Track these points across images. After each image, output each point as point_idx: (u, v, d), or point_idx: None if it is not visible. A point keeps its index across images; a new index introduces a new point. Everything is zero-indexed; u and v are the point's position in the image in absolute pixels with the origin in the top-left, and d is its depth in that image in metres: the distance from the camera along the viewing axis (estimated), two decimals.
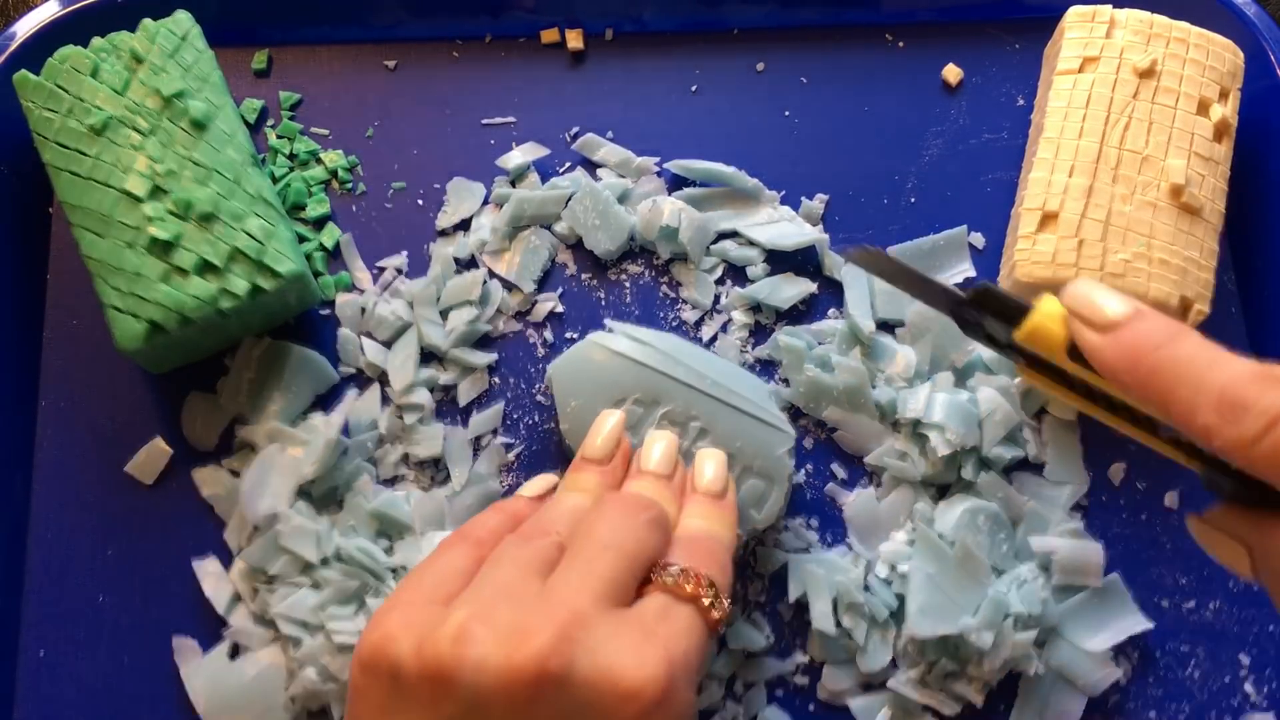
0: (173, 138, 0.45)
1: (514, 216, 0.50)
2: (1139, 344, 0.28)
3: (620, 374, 0.43)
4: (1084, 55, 0.48)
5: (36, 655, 0.45)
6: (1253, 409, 0.26)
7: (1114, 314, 0.29)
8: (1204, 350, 0.27)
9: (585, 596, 0.32)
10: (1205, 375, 0.27)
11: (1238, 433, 0.26)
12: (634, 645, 0.31)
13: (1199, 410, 0.27)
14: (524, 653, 0.29)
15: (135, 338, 0.43)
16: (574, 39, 0.54)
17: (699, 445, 0.42)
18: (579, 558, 0.33)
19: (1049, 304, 0.31)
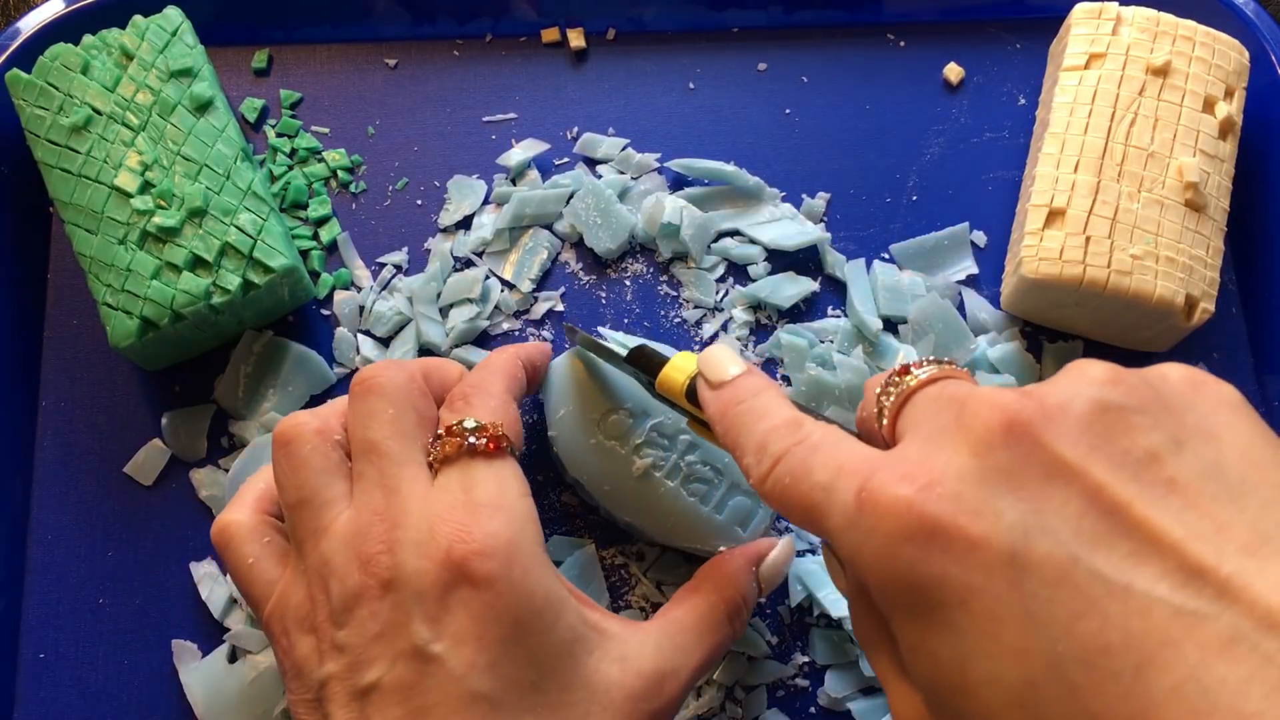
0: (163, 133, 0.43)
1: (515, 216, 0.47)
2: (729, 398, 0.31)
3: (610, 384, 0.40)
4: (1090, 52, 0.45)
5: (36, 657, 0.43)
6: (769, 450, 0.28)
7: (725, 375, 0.31)
8: (767, 405, 0.29)
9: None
10: (756, 424, 0.29)
11: (758, 471, 0.28)
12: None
13: (745, 453, 0.29)
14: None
15: (128, 334, 0.41)
16: (575, 38, 0.51)
17: (687, 458, 0.40)
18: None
19: (680, 359, 0.35)
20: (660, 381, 0.35)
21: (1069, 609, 0.21)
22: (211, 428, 0.45)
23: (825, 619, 0.42)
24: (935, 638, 0.23)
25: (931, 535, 0.22)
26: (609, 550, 0.44)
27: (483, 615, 0.29)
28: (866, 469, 0.25)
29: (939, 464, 0.24)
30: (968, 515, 0.22)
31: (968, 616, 0.22)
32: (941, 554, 0.22)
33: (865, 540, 0.24)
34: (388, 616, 0.30)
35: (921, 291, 0.47)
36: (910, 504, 0.23)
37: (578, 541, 0.43)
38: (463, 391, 0.35)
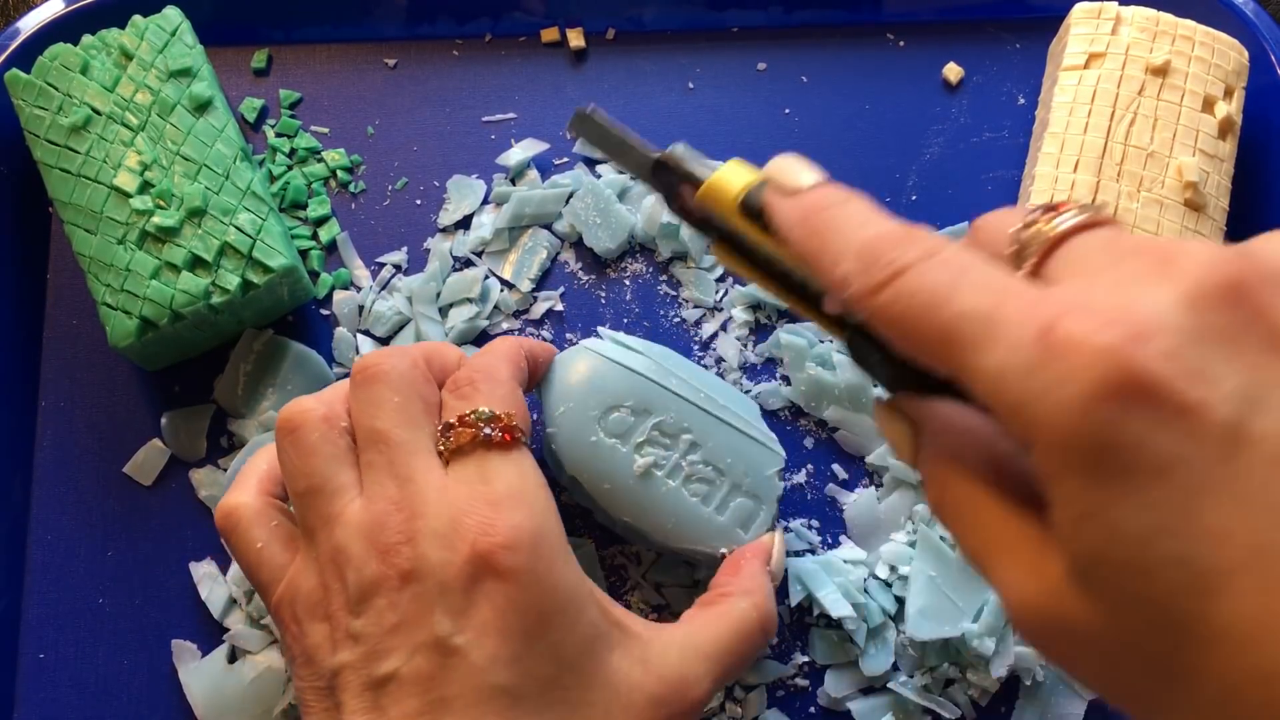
0: (162, 133, 0.43)
1: (514, 216, 0.47)
2: (813, 203, 0.27)
3: (613, 381, 0.39)
4: (1090, 51, 0.45)
5: (36, 657, 0.43)
6: (882, 259, 0.24)
7: (803, 181, 0.28)
8: (865, 212, 0.26)
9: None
10: (857, 231, 0.25)
11: (865, 281, 0.24)
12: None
13: (842, 260, 0.25)
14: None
15: (127, 334, 0.41)
16: (575, 38, 0.51)
17: (689, 458, 0.39)
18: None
19: (731, 167, 0.30)
20: (709, 189, 0.30)
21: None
22: (211, 427, 0.45)
23: (825, 619, 0.42)
24: (1120, 506, 0.20)
25: (1140, 393, 0.19)
26: (609, 550, 0.44)
27: (507, 609, 0.29)
28: (1049, 305, 0.21)
29: (1147, 313, 0.20)
30: (1186, 376, 0.19)
31: (1167, 488, 0.19)
32: (1148, 415, 0.19)
33: (1048, 389, 0.20)
34: (407, 607, 0.29)
35: None
36: (1118, 354, 0.20)
37: (577, 541, 0.43)
38: (469, 378, 0.34)
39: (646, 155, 0.31)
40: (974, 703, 0.42)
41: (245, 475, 0.35)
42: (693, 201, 0.30)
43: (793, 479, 0.45)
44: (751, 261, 0.30)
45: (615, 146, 0.33)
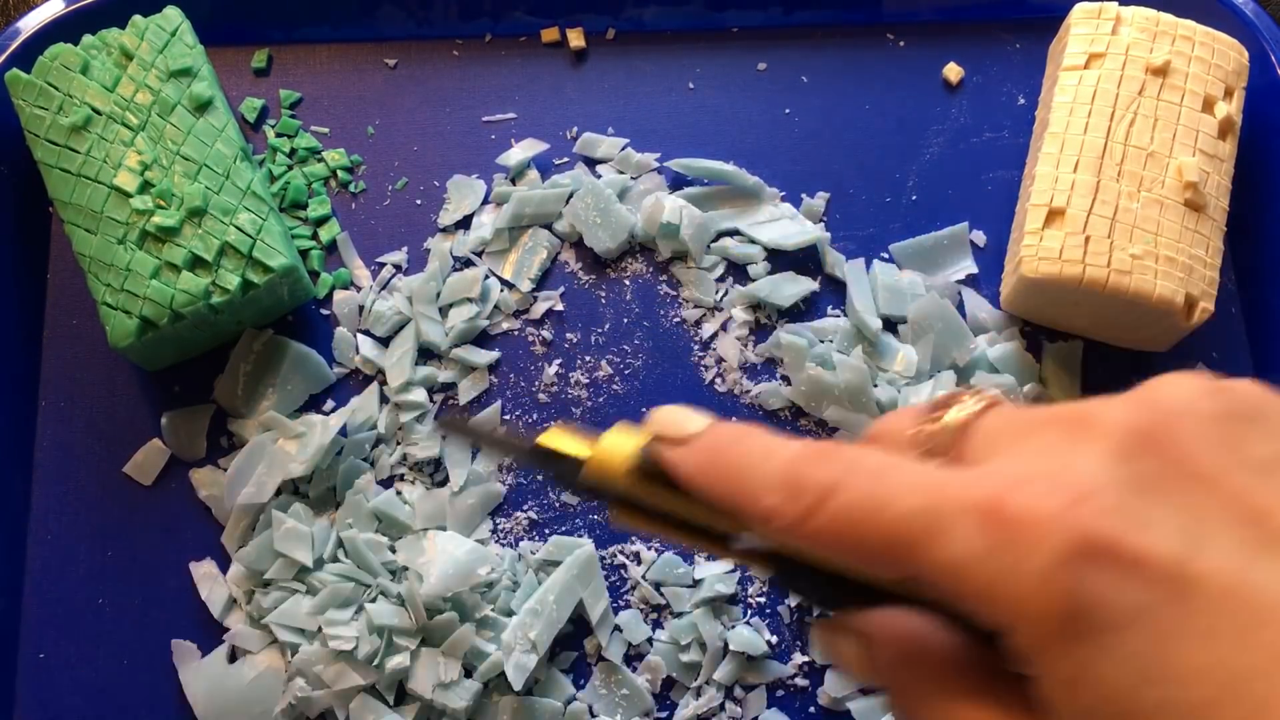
0: (162, 133, 0.43)
1: (514, 216, 0.47)
2: (712, 447, 0.27)
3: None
4: (1090, 51, 0.45)
5: (36, 657, 0.43)
6: (806, 483, 0.24)
7: (693, 428, 0.27)
8: (766, 441, 0.26)
9: None
10: (767, 462, 0.25)
11: (794, 510, 0.24)
12: None
13: (762, 495, 0.25)
14: None
15: (127, 334, 0.41)
16: (575, 38, 0.51)
17: None
18: None
19: (613, 435, 0.29)
20: (594, 467, 0.29)
21: (1242, 622, 0.20)
22: (211, 427, 0.45)
23: (825, 619, 0.42)
24: (1103, 663, 0.21)
25: (1096, 552, 0.21)
26: (608, 550, 0.44)
27: None
28: (985, 485, 0.22)
29: (1081, 475, 0.21)
30: (1132, 528, 0.21)
31: (1139, 637, 0.20)
32: (1108, 572, 0.21)
33: (1013, 567, 0.21)
34: None
35: (921, 291, 0.46)
36: (1068, 519, 0.21)
37: (577, 542, 0.43)
38: None
39: (522, 446, 0.30)
40: None
41: None
42: (574, 479, 0.29)
43: None
44: (655, 519, 0.29)
45: (489, 442, 0.33)
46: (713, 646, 0.41)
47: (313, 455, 0.42)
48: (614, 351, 0.46)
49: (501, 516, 0.44)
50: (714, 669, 0.42)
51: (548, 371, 0.46)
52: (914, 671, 0.25)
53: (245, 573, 0.42)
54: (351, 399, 0.45)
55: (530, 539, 0.44)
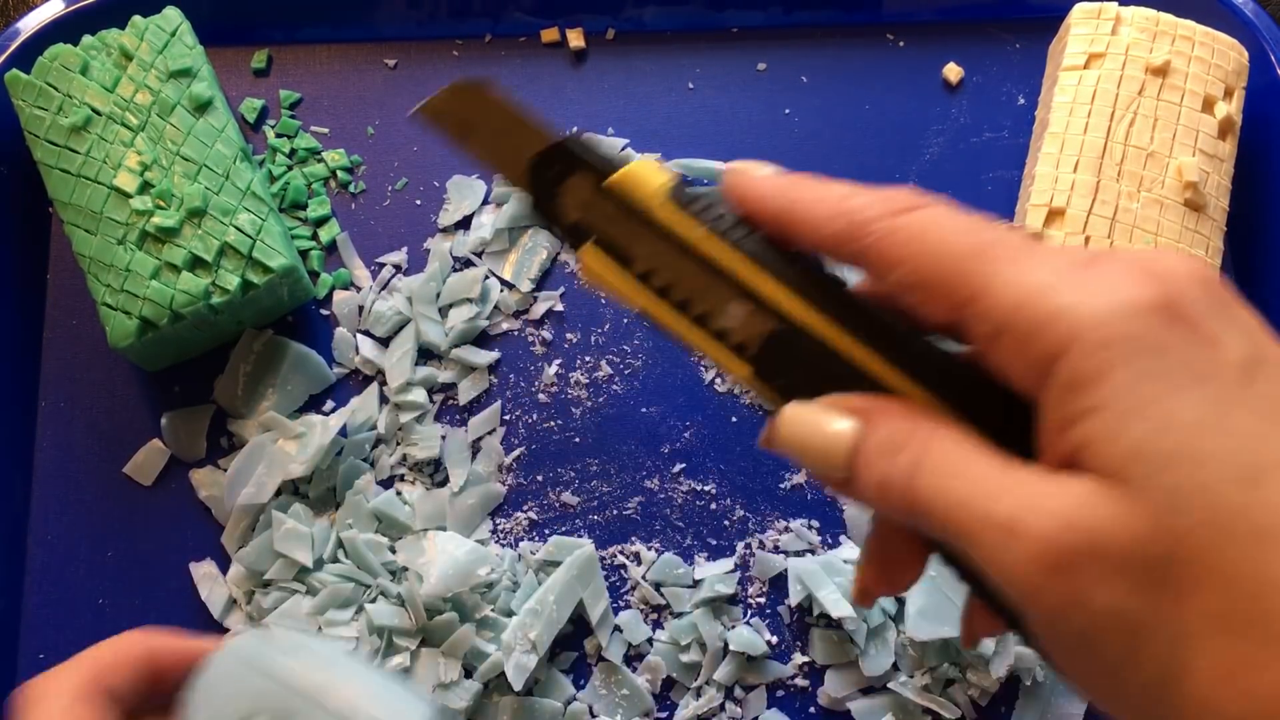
0: (162, 133, 0.43)
1: (514, 216, 0.47)
2: (786, 176, 0.25)
3: (251, 682, 0.33)
4: (1090, 51, 0.45)
5: (36, 657, 0.43)
6: (902, 197, 0.23)
7: (765, 171, 0.25)
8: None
9: None
10: (850, 190, 0.24)
11: (889, 207, 0.23)
12: None
13: (853, 199, 0.24)
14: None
15: (127, 334, 0.41)
16: (575, 38, 0.51)
17: None
18: None
19: (643, 161, 0.26)
20: (627, 178, 0.26)
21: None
22: (211, 428, 0.45)
23: (825, 619, 0.42)
24: (1173, 399, 0.21)
25: (1177, 315, 0.21)
26: (608, 550, 0.44)
27: None
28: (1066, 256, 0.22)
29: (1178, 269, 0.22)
30: (1209, 317, 0.21)
31: (1206, 392, 0.21)
32: (1185, 333, 0.21)
33: (1092, 293, 0.21)
34: None
35: None
36: (1162, 281, 0.22)
37: (577, 542, 0.43)
38: (24, 697, 0.30)
39: (547, 137, 0.27)
40: (974, 703, 0.42)
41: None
42: (581, 195, 0.27)
43: (793, 479, 0.45)
44: (632, 279, 0.26)
45: (504, 125, 0.28)
46: (713, 647, 0.41)
47: (313, 455, 0.42)
48: (614, 351, 0.46)
49: (501, 517, 0.44)
50: (714, 669, 0.42)
51: (548, 372, 0.46)
52: (925, 429, 0.23)
53: (245, 573, 0.42)
54: (351, 399, 0.45)
55: (530, 539, 0.44)
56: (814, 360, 0.24)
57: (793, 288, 0.25)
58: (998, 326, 0.22)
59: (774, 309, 0.25)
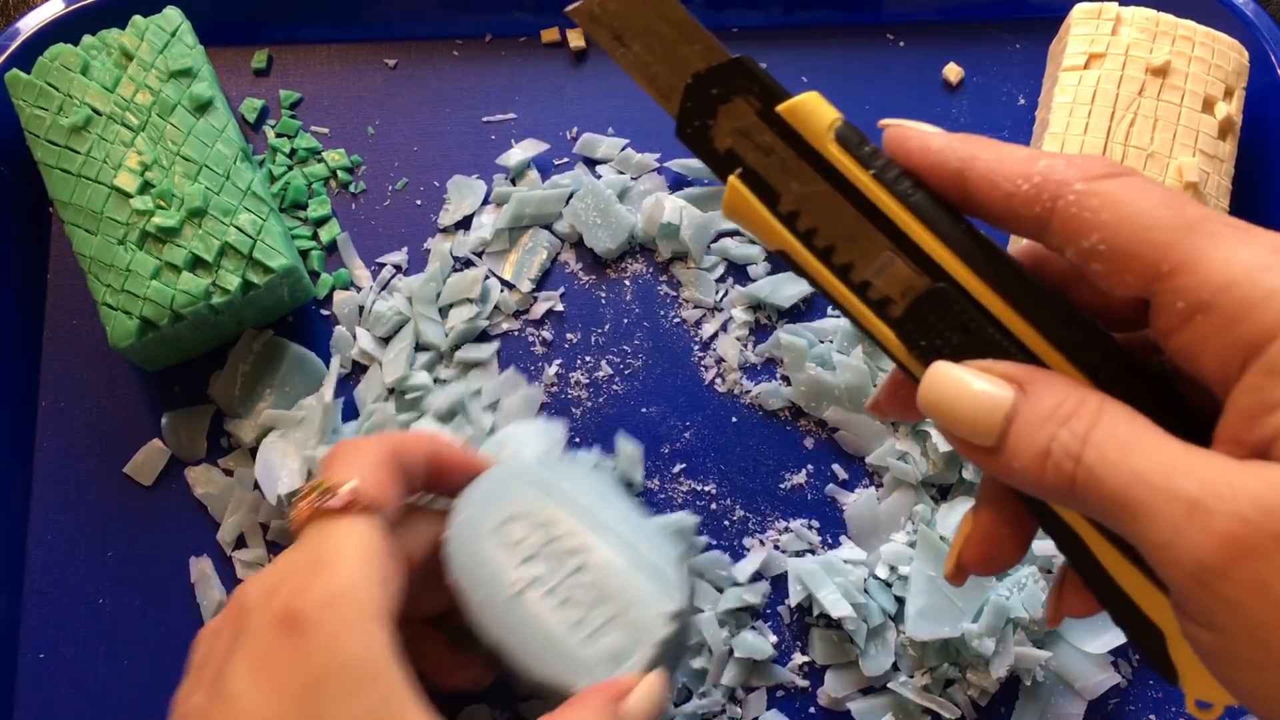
0: (163, 133, 0.43)
1: (514, 216, 0.47)
2: (961, 136, 0.24)
3: (517, 494, 0.36)
4: (1090, 52, 0.45)
5: (36, 657, 0.43)
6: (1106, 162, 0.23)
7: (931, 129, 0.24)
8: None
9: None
10: (1021, 153, 0.24)
11: (1089, 171, 0.23)
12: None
13: (1041, 159, 0.23)
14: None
15: (127, 334, 0.41)
16: (575, 38, 0.51)
17: (573, 579, 0.34)
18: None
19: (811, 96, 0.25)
20: (800, 106, 0.25)
21: None
22: (211, 428, 0.45)
23: (825, 619, 0.42)
24: None
25: None
26: None
27: (286, 663, 0.28)
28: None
29: None
30: None
31: None
32: None
33: None
34: (223, 645, 0.30)
35: None
36: None
37: None
38: (334, 451, 0.34)
39: (719, 52, 0.25)
40: (974, 703, 0.42)
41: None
42: (740, 121, 0.25)
43: (793, 479, 0.45)
44: (780, 209, 0.25)
45: (667, 35, 0.26)
46: (719, 651, 0.41)
47: (319, 425, 0.42)
48: (614, 351, 0.46)
49: None
50: (720, 673, 0.42)
51: (548, 371, 0.46)
52: (1096, 400, 0.22)
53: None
54: (332, 362, 0.45)
55: None
56: (966, 324, 0.23)
57: (957, 247, 0.24)
58: (1197, 304, 0.21)
59: (934, 266, 0.24)
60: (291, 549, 0.32)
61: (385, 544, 0.32)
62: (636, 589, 0.34)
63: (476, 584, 0.35)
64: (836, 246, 0.25)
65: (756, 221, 0.26)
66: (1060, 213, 0.22)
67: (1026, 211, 0.23)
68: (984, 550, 0.26)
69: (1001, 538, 0.26)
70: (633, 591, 0.34)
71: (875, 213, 0.24)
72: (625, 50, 0.27)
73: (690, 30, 0.26)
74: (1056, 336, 0.23)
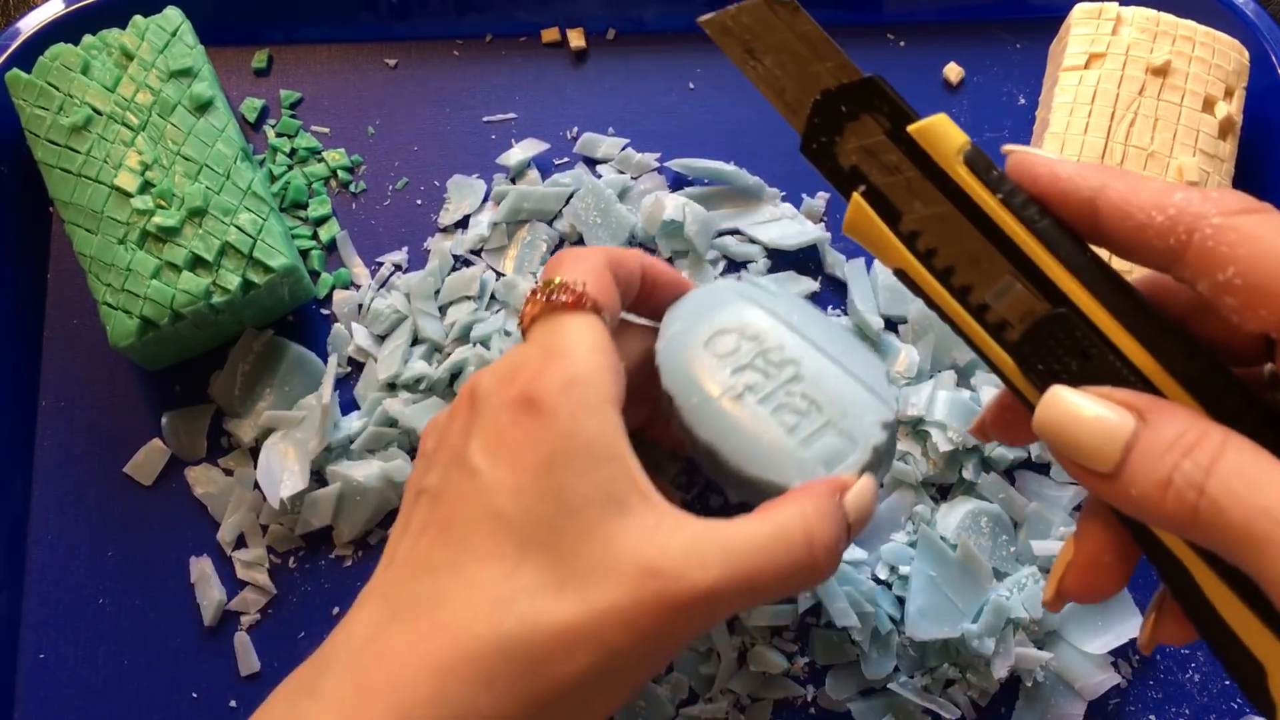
0: (163, 133, 0.43)
1: (512, 211, 0.47)
2: (1092, 163, 0.25)
3: (730, 307, 0.36)
4: (1090, 51, 0.45)
5: (36, 657, 0.43)
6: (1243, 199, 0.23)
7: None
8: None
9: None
10: (1154, 185, 0.24)
11: (1226, 206, 0.23)
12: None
13: (1176, 191, 0.23)
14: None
15: (127, 334, 0.41)
16: (575, 38, 0.51)
17: (788, 388, 0.35)
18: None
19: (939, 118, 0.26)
20: (931, 128, 0.25)
21: None
22: (211, 427, 0.45)
23: (829, 623, 0.42)
24: None
25: None
26: None
27: (527, 442, 0.29)
28: None
29: None
30: None
31: None
32: None
33: None
34: (458, 432, 0.31)
35: None
36: None
37: None
38: (559, 256, 0.35)
39: (852, 70, 0.26)
40: (974, 703, 0.42)
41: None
42: (867, 139, 0.25)
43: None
44: (901, 228, 0.25)
45: (798, 51, 0.27)
46: (726, 659, 0.41)
47: (319, 424, 0.42)
48: None
49: None
50: (727, 680, 0.41)
51: None
52: (1219, 432, 0.22)
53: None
54: (330, 360, 0.45)
55: None
56: (1086, 350, 0.24)
57: (1082, 274, 0.24)
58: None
59: (1057, 292, 0.24)
60: (520, 345, 0.33)
61: (610, 339, 0.32)
62: (850, 397, 0.34)
63: (691, 390, 0.35)
64: (956, 268, 0.25)
65: (878, 239, 0.26)
66: (1196, 246, 0.22)
67: (1160, 243, 0.23)
68: (1086, 578, 0.27)
69: (1103, 565, 0.26)
70: (846, 400, 0.34)
71: (999, 237, 0.25)
72: (756, 64, 0.28)
73: (823, 47, 0.27)
74: (1177, 367, 0.23)
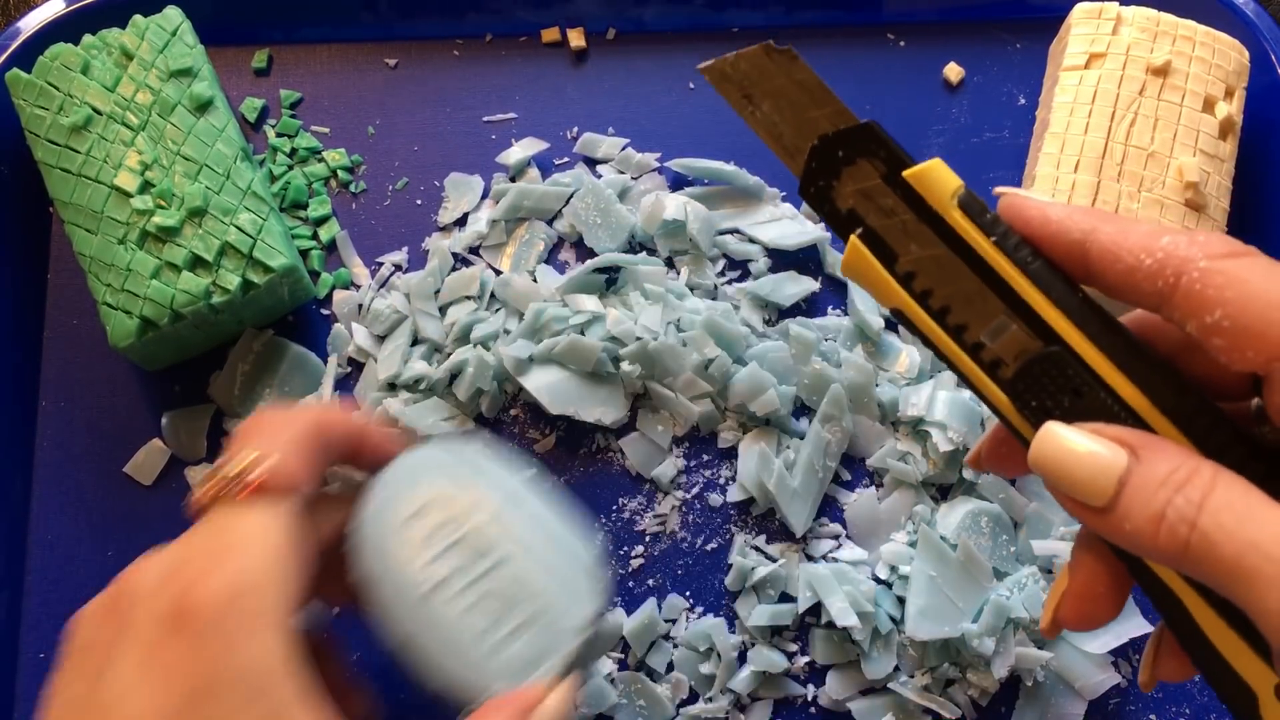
0: (163, 133, 0.43)
1: (512, 208, 0.47)
2: (1078, 207, 0.25)
3: (434, 482, 0.34)
4: (1090, 51, 0.45)
5: (36, 657, 0.43)
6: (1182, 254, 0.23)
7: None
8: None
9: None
10: (1140, 229, 0.24)
11: (1214, 250, 0.23)
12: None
13: (1163, 236, 0.24)
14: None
15: (127, 334, 0.41)
16: (575, 38, 0.51)
17: (493, 574, 0.33)
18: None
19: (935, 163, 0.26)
20: (926, 173, 0.25)
21: None
22: (211, 427, 0.45)
23: (829, 622, 0.42)
24: None
25: None
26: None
27: (176, 664, 0.27)
28: None
29: None
30: None
31: None
32: None
33: None
34: (106, 638, 0.28)
35: None
36: None
37: None
38: (255, 420, 0.32)
39: (849, 116, 0.27)
40: (974, 703, 0.42)
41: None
42: (863, 183, 0.26)
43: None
44: (898, 270, 0.26)
45: (796, 97, 0.28)
46: (726, 659, 0.41)
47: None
48: None
49: None
50: (727, 679, 0.42)
51: None
52: (1210, 469, 0.22)
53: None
54: (330, 361, 0.45)
55: None
56: (1078, 388, 0.24)
57: (1073, 314, 0.25)
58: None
59: (1050, 331, 0.25)
60: (191, 533, 0.29)
61: (296, 532, 0.30)
62: (552, 592, 0.33)
63: (384, 581, 0.32)
64: (952, 308, 0.26)
65: (875, 280, 0.27)
66: (1183, 289, 0.23)
67: (1149, 286, 0.24)
68: (1081, 607, 0.27)
69: (1097, 595, 0.27)
70: (549, 594, 0.33)
71: (992, 278, 0.25)
72: (754, 109, 0.29)
73: (819, 94, 0.28)
74: (1167, 404, 0.24)
